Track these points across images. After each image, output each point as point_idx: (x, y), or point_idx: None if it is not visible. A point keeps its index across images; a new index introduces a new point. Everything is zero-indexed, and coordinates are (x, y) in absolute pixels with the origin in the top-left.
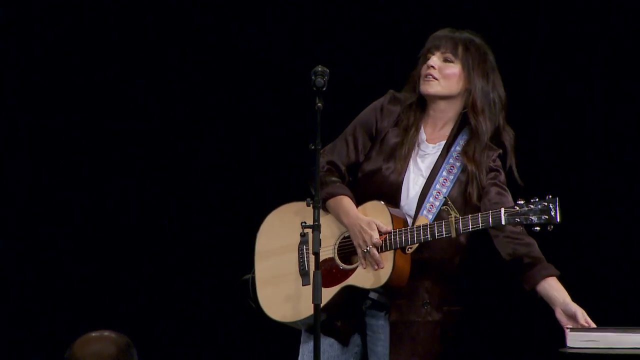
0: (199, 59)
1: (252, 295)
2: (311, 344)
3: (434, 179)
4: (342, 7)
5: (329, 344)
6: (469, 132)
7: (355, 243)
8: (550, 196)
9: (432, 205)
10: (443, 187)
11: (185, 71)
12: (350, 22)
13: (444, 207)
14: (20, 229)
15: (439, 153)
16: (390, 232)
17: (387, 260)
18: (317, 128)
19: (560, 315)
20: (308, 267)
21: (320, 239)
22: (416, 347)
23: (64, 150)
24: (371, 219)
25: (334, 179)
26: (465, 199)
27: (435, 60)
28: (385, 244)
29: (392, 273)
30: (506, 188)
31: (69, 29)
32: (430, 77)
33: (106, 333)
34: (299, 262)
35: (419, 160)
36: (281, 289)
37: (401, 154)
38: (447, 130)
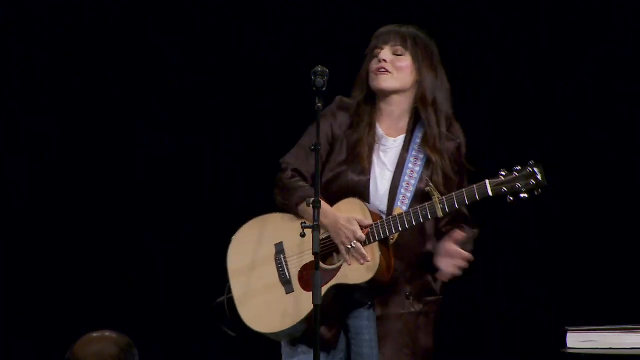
0: (197, 59)
1: (230, 316)
2: (296, 358)
3: (402, 172)
4: (341, 7)
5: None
6: (423, 124)
7: (337, 241)
8: (532, 162)
9: (404, 197)
10: (411, 178)
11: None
12: (350, 22)
13: (427, 188)
14: (20, 229)
15: (401, 146)
16: (372, 225)
17: (371, 253)
18: (317, 128)
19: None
20: (289, 275)
21: (319, 239)
22: (404, 339)
23: (64, 150)
24: (350, 215)
25: (301, 183)
26: (436, 188)
27: (386, 54)
28: (369, 237)
29: (379, 265)
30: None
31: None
32: (383, 70)
33: (107, 333)
34: (279, 271)
35: (382, 155)
36: (263, 301)
37: (363, 152)
38: (404, 124)
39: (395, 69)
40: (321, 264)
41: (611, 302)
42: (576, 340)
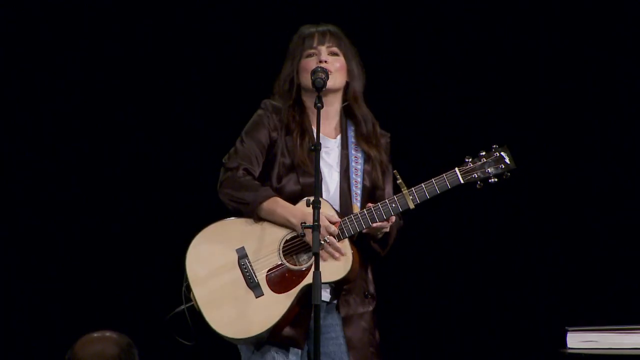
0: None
1: (192, 324)
2: None
3: (349, 170)
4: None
5: (281, 356)
6: (353, 122)
7: (308, 239)
8: (496, 145)
9: (356, 194)
10: (357, 176)
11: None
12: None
13: (398, 181)
14: (21, 229)
15: (340, 145)
16: (342, 221)
17: (347, 252)
18: (317, 127)
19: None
20: (257, 279)
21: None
22: (368, 337)
23: (63, 149)
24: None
25: (256, 182)
26: (376, 183)
27: (324, 54)
28: (341, 232)
29: (352, 262)
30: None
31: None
32: (327, 69)
33: (107, 333)
34: (245, 276)
35: (325, 156)
36: (233, 307)
37: (306, 156)
38: (337, 123)
39: (335, 70)
40: (290, 265)
41: (611, 302)
42: (576, 340)
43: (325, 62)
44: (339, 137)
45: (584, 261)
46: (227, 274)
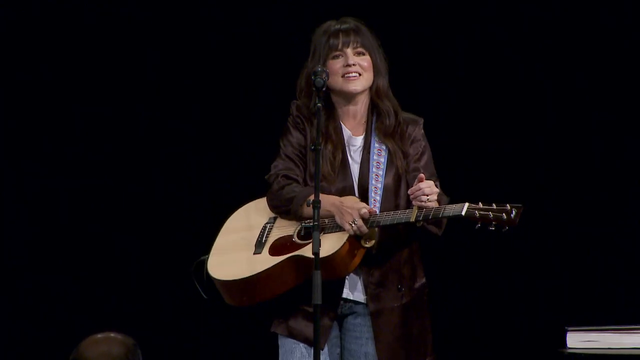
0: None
1: (206, 276)
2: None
3: (369, 165)
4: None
5: (305, 351)
6: (377, 116)
7: (341, 221)
8: (512, 204)
9: (376, 188)
10: (379, 169)
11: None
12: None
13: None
14: (24, 228)
15: (364, 141)
16: (375, 213)
17: (339, 240)
18: (317, 126)
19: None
20: (265, 240)
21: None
22: (399, 331)
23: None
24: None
25: (294, 186)
26: (401, 174)
27: (351, 56)
28: (367, 220)
29: (339, 249)
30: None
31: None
32: (355, 75)
33: (112, 334)
34: (259, 235)
35: (354, 155)
36: (232, 255)
37: (339, 160)
38: (364, 120)
39: (364, 70)
40: (295, 238)
41: (611, 302)
42: (576, 340)
43: (353, 64)
44: (364, 134)
45: (584, 261)
46: (250, 231)
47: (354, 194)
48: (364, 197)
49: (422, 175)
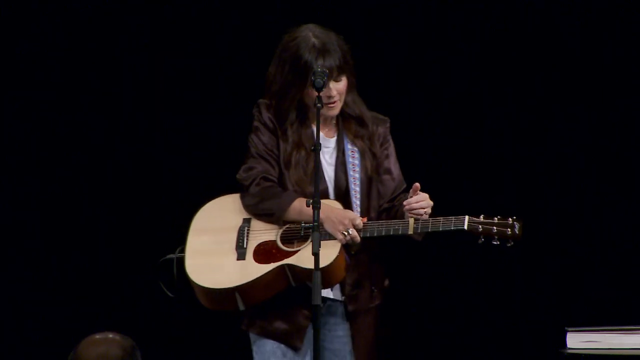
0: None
1: (177, 274)
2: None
3: (346, 168)
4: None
5: (281, 351)
6: (347, 120)
7: (332, 229)
8: (514, 217)
9: (355, 191)
10: (355, 172)
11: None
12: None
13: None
14: (23, 229)
15: (336, 142)
16: (366, 222)
17: (333, 248)
18: (317, 126)
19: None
20: (246, 245)
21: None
22: (372, 332)
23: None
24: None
25: (279, 189)
26: (372, 175)
27: (331, 89)
28: (363, 230)
29: (335, 259)
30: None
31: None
32: (335, 103)
33: (110, 335)
34: (238, 239)
35: (327, 157)
36: (212, 260)
37: (310, 163)
38: (334, 121)
39: (340, 94)
40: (280, 245)
41: (611, 302)
42: (576, 340)
43: (335, 94)
44: (335, 135)
45: (584, 261)
46: (224, 233)
47: (328, 197)
48: (341, 199)
49: (417, 184)
